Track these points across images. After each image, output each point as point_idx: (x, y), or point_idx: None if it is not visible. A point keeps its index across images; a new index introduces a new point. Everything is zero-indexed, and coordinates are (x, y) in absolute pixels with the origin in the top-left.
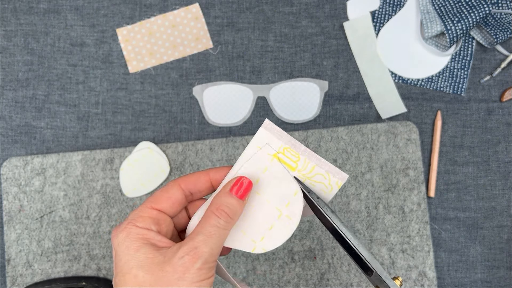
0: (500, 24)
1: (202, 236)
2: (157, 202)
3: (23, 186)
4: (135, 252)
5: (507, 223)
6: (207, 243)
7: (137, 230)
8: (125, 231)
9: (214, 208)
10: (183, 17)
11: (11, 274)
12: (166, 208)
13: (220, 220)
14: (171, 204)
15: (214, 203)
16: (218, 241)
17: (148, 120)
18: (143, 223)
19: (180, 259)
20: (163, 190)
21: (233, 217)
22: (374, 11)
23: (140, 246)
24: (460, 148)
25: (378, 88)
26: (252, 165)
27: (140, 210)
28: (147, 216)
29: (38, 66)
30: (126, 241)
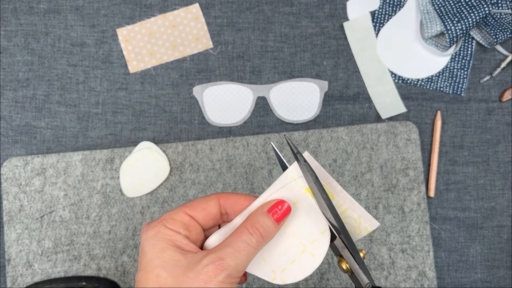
0: (500, 24)
1: (231, 249)
2: (192, 209)
3: (23, 186)
4: (161, 252)
5: (507, 223)
6: (235, 257)
7: (166, 231)
8: (154, 229)
9: (248, 225)
10: (183, 17)
11: (11, 274)
12: (199, 217)
13: (252, 238)
14: (204, 215)
15: (250, 220)
16: (245, 258)
17: (148, 120)
18: (174, 225)
19: (204, 267)
20: (201, 200)
21: (265, 238)
22: (374, 11)
23: (166, 246)
24: (460, 148)
25: (378, 88)
26: (283, 195)
27: (173, 213)
28: (178, 219)
29: (38, 66)
30: (153, 239)
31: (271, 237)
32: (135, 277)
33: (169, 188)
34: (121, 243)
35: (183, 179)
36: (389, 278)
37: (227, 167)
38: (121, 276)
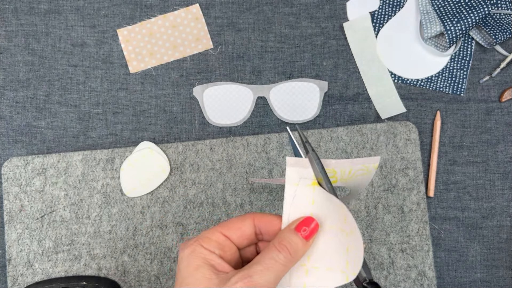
0: (500, 25)
1: (259, 267)
2: (227, 229)
3: (24, 186)
4: (195, 270)
5: (507, 222)
6: (263, 274)
7: (201, 250)
8: (190, 247)
9: (276, 242)
10: (183, 18)
11: (12, 273)
12: (234, 237)
13: (280, 255)
14: (239, 235)
15: (277, 238)
16: (274, 276)
17: (149, 120)
18: (209, 244)
19: (233, 284)
20: (238, 219)
21: (293, 255)
22: (374, 11)
23: (200, 265)
24: (459, 148)
25: (378, 88)
26: (299, 204)
27: (210, 232)
28: (214, 239)
29: (38, 66)
30: (189, 257)
31: (300, 254)
32: (135, 276)
33: (170, 188)
34: (122, 243)
35: (183, 179)
36: (389, 278)
37: (227, 167)
38: (121, 276)
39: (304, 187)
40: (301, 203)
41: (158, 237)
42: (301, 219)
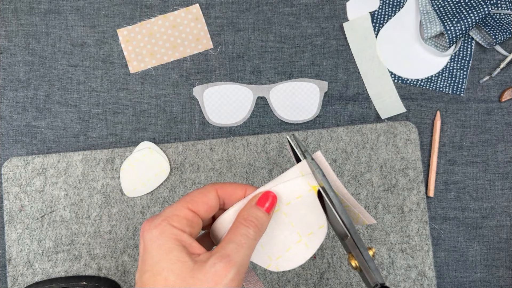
0: (499, 25)
1: (234, 245)
2: (194, 203)
3: (24, 186)
4: (168, 253)
5: (506, 222)
6: (239, 252)
7: (172, 230)
8: (159, 227)
9: (242, 219)
10: (183, 18)
11: (12, 273)
12: (201, 212)
13: (250, 230)
14: (206, 208)
15: (242, 215)
16: (248, 252)
17: (149, 120)
18: (179, 223)
19: (212, 266)
20: (201, 193)
21: (260, 228)
22: (374, 11)
23: (173, 247)
24: (459, 148)
25: (378, 88)
26: (288, 188)
27: (176, 209)
28: (183, 216)
29: (39, 66)
30: (159, 239)
31: (265, 227)
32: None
33: (170, 188)
34: (122, 243)
35: (183, 179)
36: (389, 278)
37: (227, 167)
38: (121, 275)
39: (305, 181)
40: (289, 189)
41: None
42: (260, 194)
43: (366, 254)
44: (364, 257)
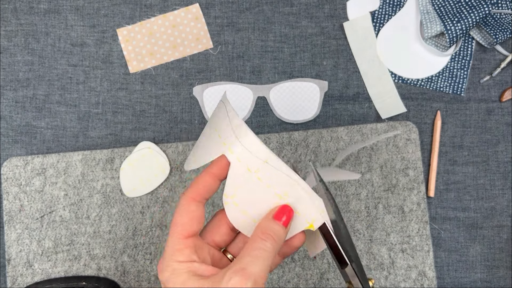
0: (500, 24)
1: (249, 258)
2: (184, 228)
3: (24, 186)
4: (183, 284)
5: (507, 223)
6: (255, 264)
7: (181, 266)
8: (169, 268)
9: (259, 233)
10: (183, 17)
11: (11, 274)
12: (195, 229)
13: (267, 243)
14: (197, 223)
15: (259, 228)
16: (266, 264)
17: (149, 120)
18: (183, 256)
19: (229, 281)
20: (183, 212)
21: (278, 241)
22: (374, 11)
23: (186, 278)
24: (459, 148)
25: (378, 88)
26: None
27: (175, 244)
28: (183, 247)
29: (38, 66)
30: (172, 277)
31: (282, 239)
32: (135, 277)
33: (169, 188)
34: (121, 243)
35: (183, 179)
36: (389, 278)
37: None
38: (121, 276)
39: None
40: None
41: (158, 237)
42: (278, 208)
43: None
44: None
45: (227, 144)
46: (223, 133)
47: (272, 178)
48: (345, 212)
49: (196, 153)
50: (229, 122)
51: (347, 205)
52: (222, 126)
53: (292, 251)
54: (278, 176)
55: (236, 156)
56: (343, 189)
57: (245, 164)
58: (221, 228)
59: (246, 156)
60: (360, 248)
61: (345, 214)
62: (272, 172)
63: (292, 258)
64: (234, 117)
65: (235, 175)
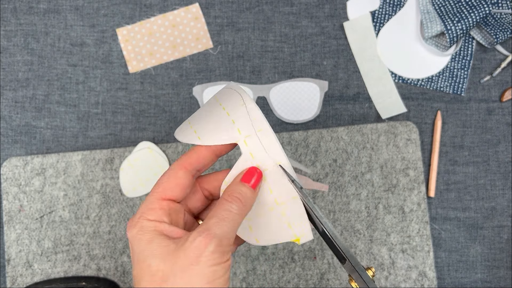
0: (500, 24)
1: (214, 219)
2: (165, 191)
3: (23, 186)
4: (148, 244)
5: (507, 223)
6: (220, 225)
7: (149, 224)
8: (137, 225)
9: (226, 195)
10: (183, 17)
11: (11, 274)
12: (176, 196)
13: (233, 205)
14: (180, 190)
15: (226, 191)
16: (231, 225)
17: (148, 120)
18: (154, 215)
19: (192, 242)
20: (170, 176)
21: (245, 203)
22: (374, 11)
23: (152, 237)
24: (460, 148)
25: (378, 88)
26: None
27: (150, 202)
28: (157, 208)
29: (38, 66)
30: (138, 234)
31: (250, 203)
32: None
33: None
34: (121, 243)
35: None
36: (389, 278)
37: (227, 167)
38: (121, 276)
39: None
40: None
41: None
42: (246, 170)
43: (365, 276)
44: (364, 278)
45: (242, 134)
46: (239, 121)
47: (277, 183)
48: (345, 212)
49: (201, 128)
50: (246, 112)
51: (347, 205)
52: (238, 113)
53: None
54: (283, 183)
55: (250, 151)
56: (343, 189)
57: (257, 162)
58: (196, 194)
59: (261, 155)
60: (361, 248)
61: (345, 214)
62: (280, 177)
63: (292, 259)
64: (254, 109)
65: (243, 167)
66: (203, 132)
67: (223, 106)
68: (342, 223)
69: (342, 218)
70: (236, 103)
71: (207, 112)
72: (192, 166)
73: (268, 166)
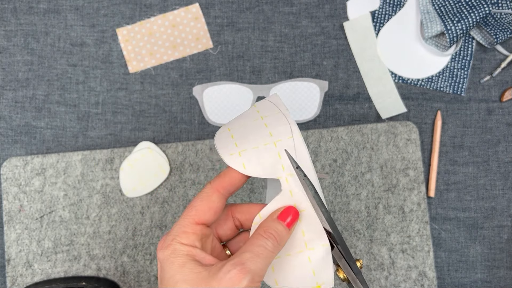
0: (500, 24)
1: (249, 254)
2: (199, 215)
3: (23, 186)
4: (181, 268)
5: (507, 223)
6: (255, 261)
7: (182, 248)
8: (170, 247)
9: (262, 231)
10: (183, 17)
11: (11, 274)
12: (209, 220)
13: (268, 242)
14: (213, 214)
15: (262, 226)
16: (264, 262)
17: (148, 120)
18: (187, 239)
19: (226, 273)
20: (203, 199)
21: (279, 242)
22: (374, 11)
23: (185, 262)
24: (460, 148)
25: (378, 88)
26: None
27: (184, 226)
28: (190, 232)
29: (38, 66)
30: (171, 257)
31: (284, 241)
32: (135, 277)
33: (169, 188)
34: (121, 243)
35: (183, 179)
36: (389, 278)
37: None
38: (121, 276)
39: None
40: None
41: (158, 237)
42: (283, 208)
43: (355, 267)
44: (353, 269)
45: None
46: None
47: (310, 227)
48: (345, 212)
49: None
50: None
51: (347, 205)
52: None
53: None
54: (317, 229)
55: (290, 189)
56: (343, 189)
57: (295, 201)
58: (227, 222)
59: (300, 195)
60: (361, 248)
61: (345, 214)
62: (314, 221)
63: None
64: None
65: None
66: (249, 159)
67: (270, 131)
68: (342, 223)
69: (342, 218)
70: (284, 133)
71: (254, 135)
72: (225, 189)
73: (306, 207)
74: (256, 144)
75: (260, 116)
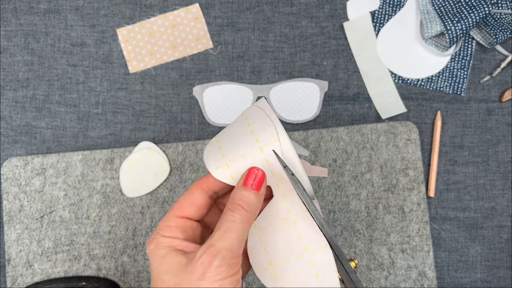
0: (500, 24)
1: (218, 233)
2: (182, 209)
3: (23, 186)
4: (162, 259)
5: (507, 223)
6: (224, 238)
7: (164, 240)
8: (154, 241)
9: (228, 203)
10: (183, 17)
11: (11, 274)
12: (191, 214)
13: (235, 214)
14: (196, 209)
15: (230, 199)
16: (236, 236)
17: (148, 120)
18: (169, 232)
19: (198, 258)
20: (187, 196)
21: (249, 209)
22: (374, 11)
23: (166, 253)
24: (460, 148)
25: (378, 88)
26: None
27: (166, 220)
28: (173, 225)
29: (38, 66)
30: (154, 250)
31: (255, 207)
32: (135, 277)
33: (169, 188)
34: (121, 243)
35: (183, 179)
36: (389, 278)
37: None
38: (121, 276)
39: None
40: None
41: None
42: (246, 172)
43: (348, 267)
44: (346, 269)
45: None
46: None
47: (307, 230)
48: (345, 212)
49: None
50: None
51: (347, 205)
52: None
53: None
54: (315, 231)
55: (282, 195)
56: (343, 189)
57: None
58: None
59: (293, 198)
60: (360, 248)
61: (345, 214)
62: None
63: None
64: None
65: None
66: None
67: (256, 137)
68: (342, 223)
69: (342, 218)
70: (270, 136)
71: (240, 143)
72: (209, 188)
73: (300, 211)
74: (243, 152)
75: (247, 123)
